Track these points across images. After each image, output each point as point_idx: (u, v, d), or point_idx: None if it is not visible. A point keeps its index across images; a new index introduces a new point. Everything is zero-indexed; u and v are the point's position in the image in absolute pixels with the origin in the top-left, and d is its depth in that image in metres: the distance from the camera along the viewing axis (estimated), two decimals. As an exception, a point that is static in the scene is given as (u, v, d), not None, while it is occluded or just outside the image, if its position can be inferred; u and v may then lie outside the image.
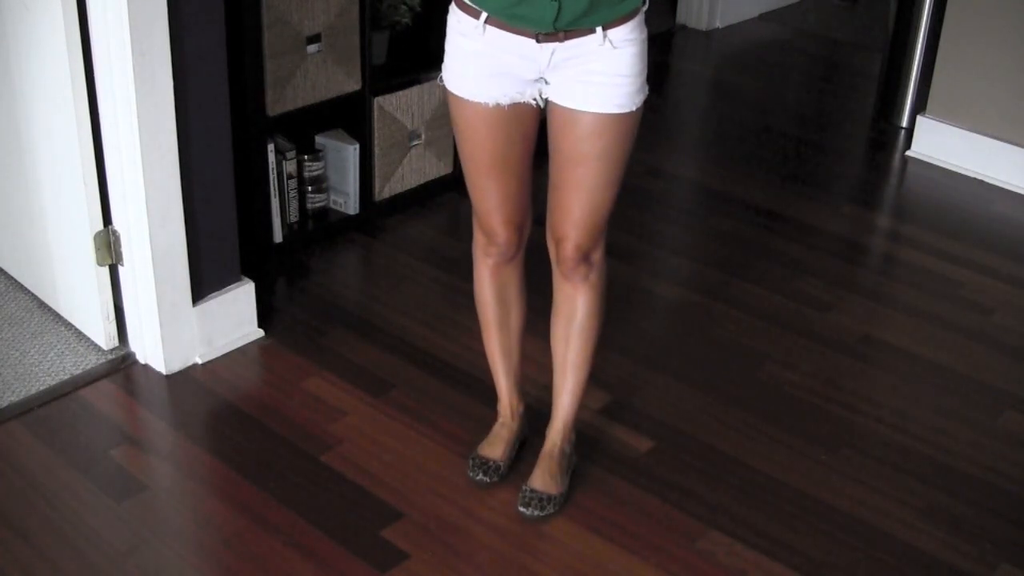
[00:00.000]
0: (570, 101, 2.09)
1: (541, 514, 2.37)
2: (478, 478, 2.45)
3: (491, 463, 2.46)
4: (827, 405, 2.79)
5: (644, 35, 2.11)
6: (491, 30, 2.06)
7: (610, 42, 2.03)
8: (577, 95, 2.08)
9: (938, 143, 4.06)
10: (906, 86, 4.31)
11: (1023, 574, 2.31)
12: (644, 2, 2.09)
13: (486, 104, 2.11)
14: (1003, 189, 3.91)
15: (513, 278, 2.38)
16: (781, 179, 3.96)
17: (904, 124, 4.33)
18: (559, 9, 1.97)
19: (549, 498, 2.38)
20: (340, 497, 2.43)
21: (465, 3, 2.07)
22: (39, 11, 2.54)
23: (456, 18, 2.11)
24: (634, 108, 2.10)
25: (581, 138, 2.11)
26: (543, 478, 2.40)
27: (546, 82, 2.10)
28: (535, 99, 2.13)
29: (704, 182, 3.94)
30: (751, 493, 2.50)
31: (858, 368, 2.94)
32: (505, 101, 2.11)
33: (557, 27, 1.99)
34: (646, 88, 2.13)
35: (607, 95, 2.07)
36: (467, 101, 2.13)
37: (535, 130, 2.20)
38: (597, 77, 2.06)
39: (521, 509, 2.37)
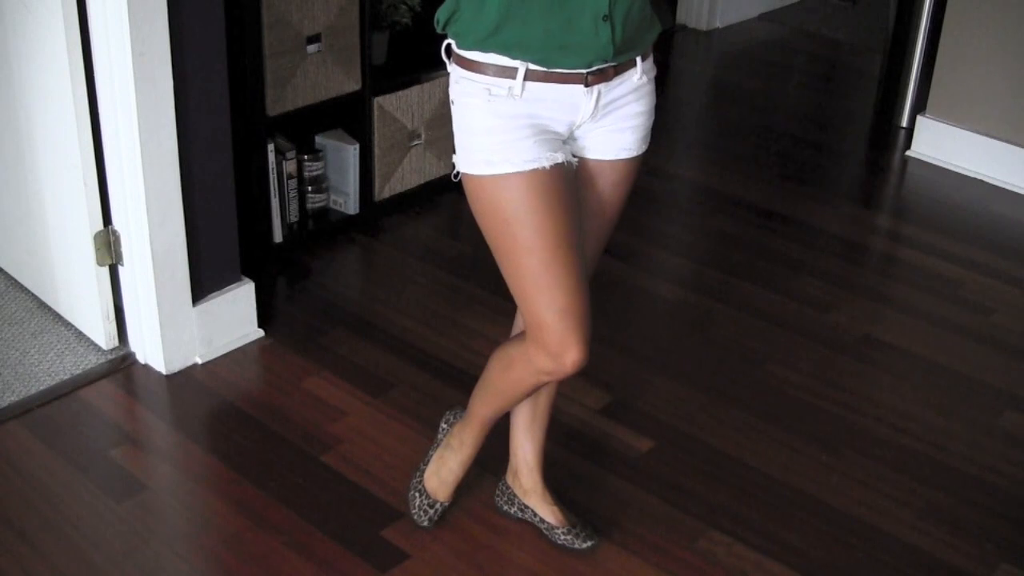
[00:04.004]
0: (606, 153, 1.94)
1: (596, 536, 2.30)
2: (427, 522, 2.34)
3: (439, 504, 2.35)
4: (827, 405, 2.79)
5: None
6: (531, 86, 1.81)
7: (645, 74, 1.92)
8: (614, 144, 1.94)
9: (938, 143, 4.06)
10: (906, 86, 4.31)
11: (1023, 574, 2.31)
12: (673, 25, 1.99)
13: (543, 168, 1.82)
14: (1003, 189, 3.91)
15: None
16: (781, 179, 3.96)
17: (904, 124, 4.33)
18: (612, 28, 1.77)
19: (582, 522, 2.32)
20: (340, 497, 2.43)
21: (484, 64, 1.80)
22: (39, 11, 2.54)
23: (472, 87, 1.82)
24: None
25: (606, 189, 1.99)
26: (554, 512, 2.30)
27: (574, 139, 1.92)
28: (568, 160, 1.88)
29: (704, 182, 3.94)
30: (751, 493, 2.50)
31: (858, 368, 2.94)
32: (547, 164, 1.83)
33: (616, 51, 1.80)
34: None
35: (641, 136, 1.97)
36: (510, 176, 1.81)
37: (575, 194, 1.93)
38: (636, 120, 1.93)
39: (585, 545, 2.28)
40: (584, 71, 1.82)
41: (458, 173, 1.91)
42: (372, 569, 2.25)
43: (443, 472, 2.31)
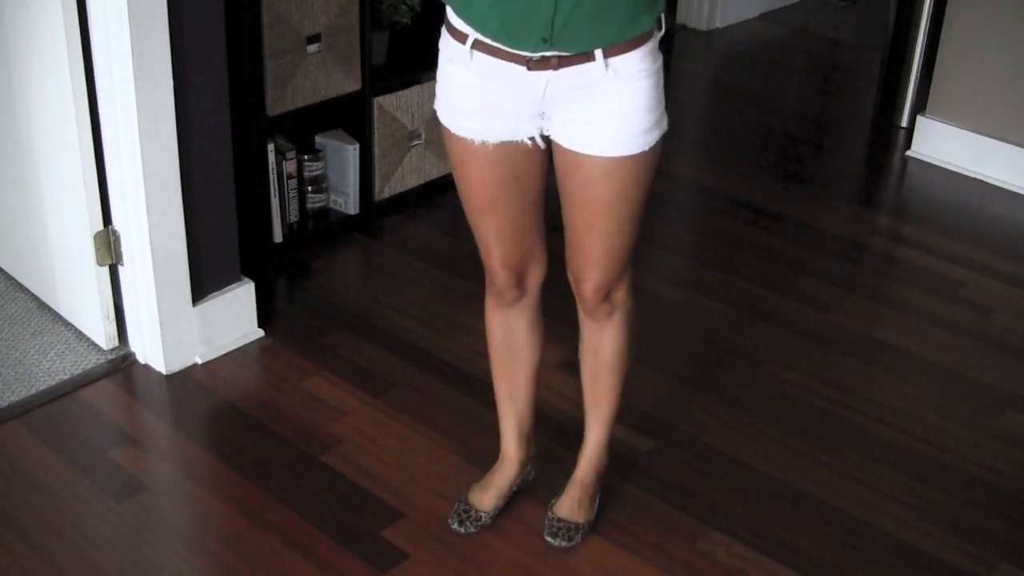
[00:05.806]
0: (573, 143, 1.91)
1: (568, 545, 2.30)
2: (454, 527, 2.33)
3: (474, 513, 2.34)
4: (827, 405, 2.79)
5: (658, 64, 1.88)
6: (479, 56, 1.87)
7: (614, 72, 1.83)
8: (581, 136, 1.90)
9: (938, 143, 4.06)
10: (906, 86, 4.31)
11: (1023, 574, 2.31)
12: (660, 27, 1.87)
13: (472, 140, 1.95)
14: (1003, 189, 3.91)
15: (520, 322, 2.23)
16: (781, 179, 3.96)
17: (904, 124, 4.33)
18: (556, 7, 1.75)
19: (576, 527, 2.32)
20: (340, 497, 2.43)
21: (452, 27, 1.91)
22: (39, 11, 2.54)
23: (445, 43, 1.94)
24: (647, 148, 1.92)
25: (587, 182, 1.94)
26: (571, 506, 2.32)
27: (548, 117, 1.92)
28: (531, 138, 1.94)
29: (704, 182, 3.94)
30: (751, 493, 2.50)
31: (858, 368, 2.94)
32: (492, 139, 1.94)
33: (555, 34, 1.77)
34: (665, 120, 1.94)
35: (617, 136, 1.88)
36: (456, 135, 1.98)
37: (535, 168, 2.00)
38: (605, 117, 1.86)
39: (548, 539, 2.30)
40: (527, 54, 1.84)
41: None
42: (372, 569, 2.25)
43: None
